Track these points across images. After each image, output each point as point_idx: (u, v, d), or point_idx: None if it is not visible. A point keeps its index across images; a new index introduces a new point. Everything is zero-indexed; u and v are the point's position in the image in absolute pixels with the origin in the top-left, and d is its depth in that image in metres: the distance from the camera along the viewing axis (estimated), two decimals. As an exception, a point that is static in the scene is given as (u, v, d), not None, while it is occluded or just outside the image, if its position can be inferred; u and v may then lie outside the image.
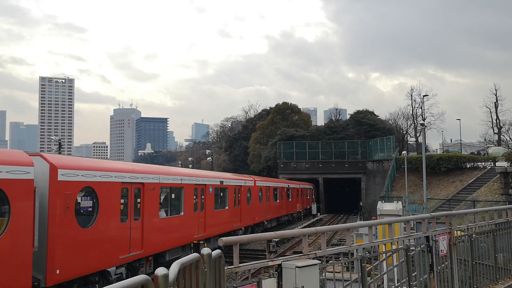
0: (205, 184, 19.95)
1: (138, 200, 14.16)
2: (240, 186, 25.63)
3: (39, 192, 9.87)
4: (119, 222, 12.97)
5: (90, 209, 11.93)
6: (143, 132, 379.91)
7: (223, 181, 22.82)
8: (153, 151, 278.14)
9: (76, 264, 11.12)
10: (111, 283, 6.85)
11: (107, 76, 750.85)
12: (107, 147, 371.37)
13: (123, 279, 6.51)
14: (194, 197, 18.72)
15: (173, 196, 17.15)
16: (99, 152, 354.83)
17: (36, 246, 9.62)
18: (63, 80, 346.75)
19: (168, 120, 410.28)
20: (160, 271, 2.82)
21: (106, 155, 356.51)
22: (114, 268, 12.79)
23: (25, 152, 10.14)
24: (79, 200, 11.52)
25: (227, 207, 23.11)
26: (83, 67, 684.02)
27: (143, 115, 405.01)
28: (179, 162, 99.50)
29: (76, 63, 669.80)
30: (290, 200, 40.37)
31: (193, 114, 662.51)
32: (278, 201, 35.46)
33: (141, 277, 2.65)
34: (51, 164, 10.60)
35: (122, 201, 13.22)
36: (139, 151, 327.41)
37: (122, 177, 13.27)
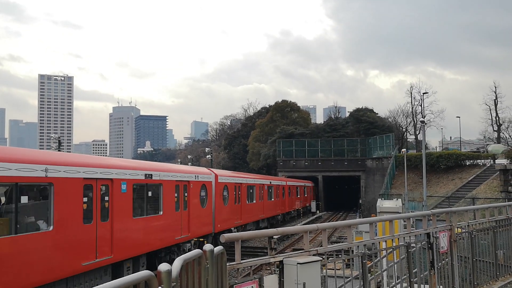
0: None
1: (239, 192, 24.74)
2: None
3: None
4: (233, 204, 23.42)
5: (226, 196, 23.05)
6: (143, 130, 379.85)
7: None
8: (152, 149, 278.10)
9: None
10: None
11: (105, 74, 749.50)
12: (106, 145, 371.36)
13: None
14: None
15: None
16: (98, 150, 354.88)
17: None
18: (62, 78, 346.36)
19: (167, 118, 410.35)
20: (163, 267, 2.83)
21: (106, 153, 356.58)
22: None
23: None
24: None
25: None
26: (81, 64, 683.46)
27: (142, 113, 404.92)
28: (179, 160, 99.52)
29: (74, 61, 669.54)
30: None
31: (192, 112, 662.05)
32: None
33: (144, 273, 2.65)
34: (215, 174, 21.69)
35: (234, 193, 23.95)
36: (138, 149, 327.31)
37: (237, 180, 24.09)
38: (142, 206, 14.61)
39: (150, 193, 15.02)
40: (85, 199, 11.54)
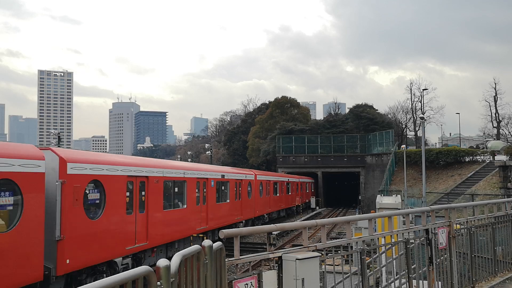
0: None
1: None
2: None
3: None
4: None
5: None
6: (142, 126, 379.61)
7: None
8: (152, 145, 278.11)
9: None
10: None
11: (105, 70, 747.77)
12: (106, 140, 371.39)
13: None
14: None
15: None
16: (98, 146, 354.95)
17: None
18: (62, 74, 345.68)
19: (167, 114, 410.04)
20: (162, 262, 2.84)
21: (105, 148, 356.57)
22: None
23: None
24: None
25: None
26: (80, 60, 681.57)
27: (141, 109, 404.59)
28: (178, 156, 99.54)
29: (73, 56, 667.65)
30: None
31: (192, 108, 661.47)
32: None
33: (143, 268, 2.66)
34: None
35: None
36: (138, 145, 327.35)
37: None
38: (220, 194, 22.56)
39: (223, 187, 23.43)
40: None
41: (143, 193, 14.61)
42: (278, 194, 35.86)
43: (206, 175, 20.52)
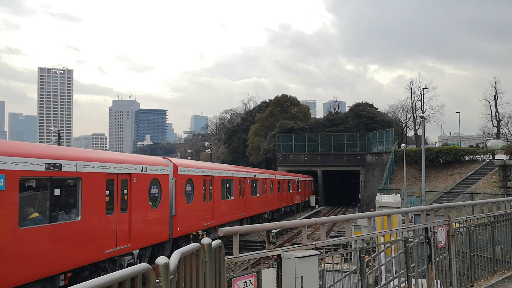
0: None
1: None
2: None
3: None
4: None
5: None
6: (142, 123, 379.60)
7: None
8: (152, 143, 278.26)
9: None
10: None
11: (104, 67, 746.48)
12: (106, 138, 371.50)
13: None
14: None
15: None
16: (98, 144, 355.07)
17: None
18: (62, 71, 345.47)
19: (167, 112, 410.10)
20: (161, 260, 2.84)
21: (105, 146, 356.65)
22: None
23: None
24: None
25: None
26: (79, 57, 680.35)
27: (141, 107, 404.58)
28: (178, 154, 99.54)
29: (73, 54, 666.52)
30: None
31: (191, 106, 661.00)
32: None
33: (142, 266, 2.66)
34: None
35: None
36: (138, 143, 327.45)
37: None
38: (252, 190, 28.72)
39: (254, 185, 29.24)
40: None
41: (210, 187, 21.03)
42: (291, 191, 41.12)
43: (245, 175, 27.50)
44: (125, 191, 13.63)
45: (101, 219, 12.25)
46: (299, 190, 45.39)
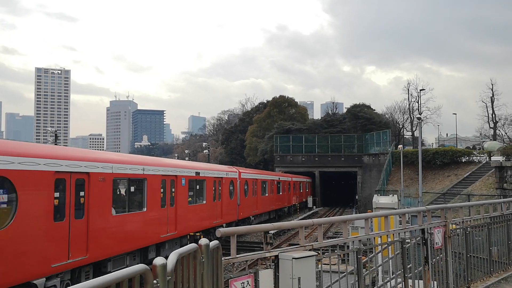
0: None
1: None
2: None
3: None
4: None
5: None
6: (140, 124, 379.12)
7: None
8: (149, 143, 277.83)
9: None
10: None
11: (101, 67, 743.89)
12: (103, 139, 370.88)
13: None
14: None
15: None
16: (95, 144, 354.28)
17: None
18: (59, 71, 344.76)
19: (164, 112, 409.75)
20: (159, 260, 2.84)
21: (103, 147, 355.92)
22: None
23: None
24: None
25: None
26: (76, 57, 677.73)
27: (139, 107, 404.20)
28: (176, 155, 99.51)
29: (69, 54, 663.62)
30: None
31: (189, 106, 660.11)
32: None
33: (139, 267, 2.67)
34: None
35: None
36: (135, 143, 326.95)
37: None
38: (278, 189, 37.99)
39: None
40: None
41: (255, 187, 30.03)
42: (297, 191, 44.63)
43: (270, 177, 35.16)
44: (220, 188, 22.79)
45: (216, 204, 22.12)
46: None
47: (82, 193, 11.99)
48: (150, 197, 15.49)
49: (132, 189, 14.74)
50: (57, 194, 11.07)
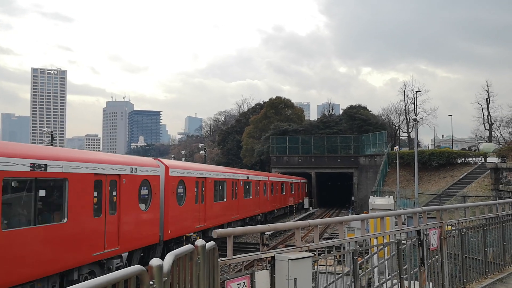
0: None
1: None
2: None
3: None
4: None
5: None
6: (136, 125, 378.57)
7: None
8: (146, 144, 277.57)
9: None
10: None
11: (97, 68, 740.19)
12: (99, 139, 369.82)
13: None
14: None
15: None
16: (91, 145, 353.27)
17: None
18: (55, 72, 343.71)
19: (161, 113, 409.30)
20: (155, 262, 2.84)
21: (99, 147, 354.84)
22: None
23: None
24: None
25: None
26: (71, 58, 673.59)
27: (135, 108, 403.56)
28: (172, 156, 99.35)
29: (65, 54, 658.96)
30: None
31: (185, 107, 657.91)
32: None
33: (135, 268, 2.66)
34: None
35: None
36: (132, 144, 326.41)
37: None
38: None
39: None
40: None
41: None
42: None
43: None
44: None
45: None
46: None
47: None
48: (253, 189, 30.10)
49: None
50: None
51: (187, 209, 18.80)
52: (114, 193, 13.56)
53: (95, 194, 12.49)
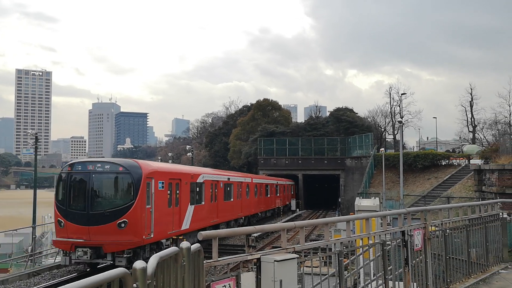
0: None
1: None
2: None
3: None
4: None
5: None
6: (123, 126, 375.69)
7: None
8: (132, 146, 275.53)
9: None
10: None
11: (82, 69, 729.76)
12: (85, 141, 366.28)
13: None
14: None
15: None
16: (77, 147, 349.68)
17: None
18: (40, 73, 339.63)
19: (148, 115, 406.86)
20: (139, 264, 2.82)
21: (84, 149, 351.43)
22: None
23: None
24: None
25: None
26: (56, 58, 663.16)
27: (122, 110, 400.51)
28: (159, 158, 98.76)
29: (49, 55, 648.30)
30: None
31: (172, 109, 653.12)
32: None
33: (119, 270, 2.65)
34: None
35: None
36: (118, 146, 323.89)
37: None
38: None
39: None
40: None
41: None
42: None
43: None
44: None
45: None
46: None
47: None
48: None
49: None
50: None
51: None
52: (216, 190, 24.64)
53: (211, 191, 23.68)
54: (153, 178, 16.44)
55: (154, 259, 3.15)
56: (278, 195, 44.64)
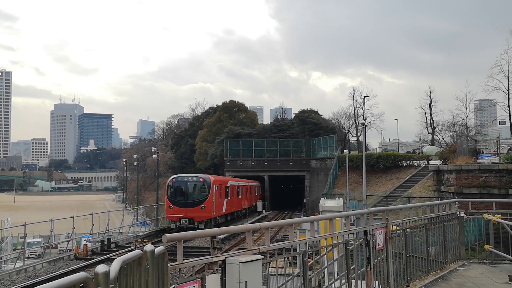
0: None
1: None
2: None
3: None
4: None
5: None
6: (86, 128, 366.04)
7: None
8: (96, 148, 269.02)
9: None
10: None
11: (42, 69, 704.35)
12: (47, 143, 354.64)
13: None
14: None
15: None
16: (38, 149, 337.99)
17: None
18: (0, 73, 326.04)
19: (112, 116, 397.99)
20: (101, 268, 2.77)
21: (46, 151, 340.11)
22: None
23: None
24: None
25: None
26: (14, 58, 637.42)
27: (85, 111, 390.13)
28: (124, 160, 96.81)
29: (7, 54, 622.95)
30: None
31: (137, 110, 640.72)
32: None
33: (80, 275, 2.60)
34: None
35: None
36: (81, 148, 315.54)
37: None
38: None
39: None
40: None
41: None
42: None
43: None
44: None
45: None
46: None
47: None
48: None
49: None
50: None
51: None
52: (233, 191, 36.28)
53: (232, 191, 35.79)
54: (215, 184, 31.59)
55: (117, 263, 3.10)
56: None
